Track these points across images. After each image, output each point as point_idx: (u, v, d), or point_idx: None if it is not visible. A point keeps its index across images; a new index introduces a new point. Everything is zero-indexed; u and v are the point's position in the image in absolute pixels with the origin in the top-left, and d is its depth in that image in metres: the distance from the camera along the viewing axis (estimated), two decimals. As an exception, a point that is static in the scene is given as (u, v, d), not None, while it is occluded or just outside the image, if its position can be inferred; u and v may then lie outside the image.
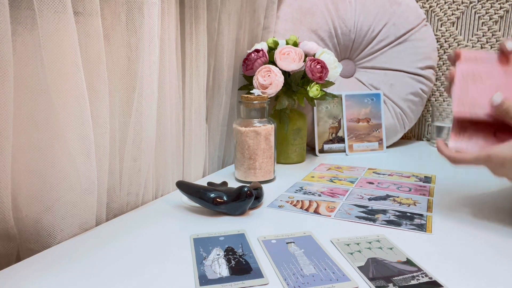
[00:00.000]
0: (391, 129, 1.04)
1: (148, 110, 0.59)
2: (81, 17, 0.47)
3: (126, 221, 0.56)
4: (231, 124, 0.88)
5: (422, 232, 0.52)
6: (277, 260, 0.44)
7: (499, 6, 1.03)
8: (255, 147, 0.72)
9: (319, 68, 0.81)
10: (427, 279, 0.40)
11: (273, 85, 0.79)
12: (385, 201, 0.64)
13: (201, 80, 0.74)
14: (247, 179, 0.74)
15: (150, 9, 0.55)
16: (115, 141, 0.57)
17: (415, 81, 1.03)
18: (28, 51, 0.44)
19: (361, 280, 0.40)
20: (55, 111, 0.46)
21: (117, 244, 0.49)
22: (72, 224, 0.50)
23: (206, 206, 0.58)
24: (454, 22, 1.09)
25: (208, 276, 0.41)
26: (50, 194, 0.47)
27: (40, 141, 0.46)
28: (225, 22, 0.78)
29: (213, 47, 0.77)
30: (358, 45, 1.03)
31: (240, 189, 0.58)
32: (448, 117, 1.04)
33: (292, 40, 0.86)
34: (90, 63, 0.50)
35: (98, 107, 0.52)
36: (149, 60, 0.57)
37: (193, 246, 0.48)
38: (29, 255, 0.46)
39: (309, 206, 0.62)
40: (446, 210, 0.60)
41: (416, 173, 0.81)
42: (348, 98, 1.00)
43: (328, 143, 0.99)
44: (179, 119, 0.71)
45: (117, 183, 0.58)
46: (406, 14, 1.02)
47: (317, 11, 0.97)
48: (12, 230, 0.46)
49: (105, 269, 0.43)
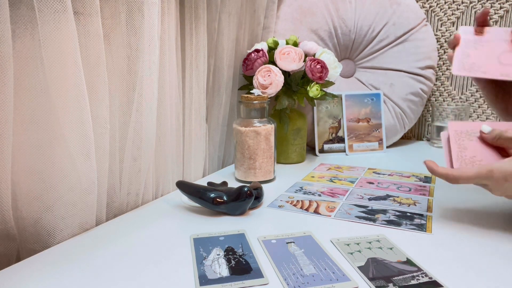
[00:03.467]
0: (391, 129, 1.04)
1: (148, 110, 0.59)
2: (81, 17, 0.47)
3: (126, 221, 0.56)
4: (231, 124, 0.88)
5: (422, 232, 0.52)
6: (277, 260, 0.44)
7: (499, 6, 1.03)
8: (255, 147, 0.72)
9: (319, 68, 0.81)
10: (427, 279, 0.40)
11: (273, 85, 0.79)
12: (385, 201, 0.64)
13: (201, 80, 0.74)
14: (247, 179, 0.74)
15: (150, 9, 0.55)
16: (115, 141, 0.57)
17: (415, 81, 1.03)
18: (28, 51, 0.44)
19: (361, 280, 0.40)
20: (55, 111, 0.46)
21: (117, 244, 0.49)
22: (72, 224, 0.50)
23: (206, 206, 0.58)
24: (454, 22, 1.09)
25: (208, 276, 0.41)
26: (50, 194, 0.47)
27: (40, 141, 0.46)
28: (225, 22, 0.78)
29: (213, 47, 0.77)
30: (358, 45, 1.03)
31: (240, 189, 0.58)
32: (448, 117, 1.04)
33: (292, 40, 0.86)
34: (90, 63, 0.50)
35: (98, 107, 0.52)
36: (149, 60, 0.57)
37: (193, 246, 0.48)
38: (29, 255, 0.46)
39: (309, 206, 0.62)
40: (446, 210, 0.60)
41: (416, 173, 0.81)
42: (348, 98, 1.00)
43: (328, 143, 0.99)
44: (179, 119, 0.71)
45: (117, 183, 0.58)
46: (406, 14, 1.02)
47: (317, 11, 0.97)
48: (12, 230, 0.46)
49: (105, 269, 0.43)
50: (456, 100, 1.13)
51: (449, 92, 1.14)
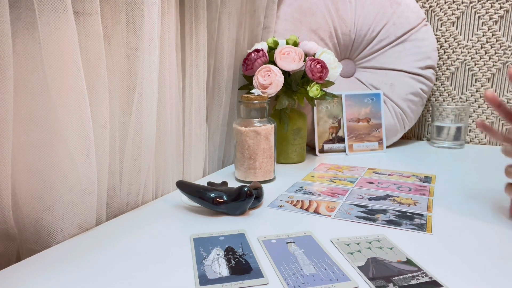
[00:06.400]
0: (391, 129, 1.04)
1: (148, 110, 0.59)
2: (81, 17, 0.47)
3: (126, 221, 0.56)
4: (231, 124, 0.88)
5: (422, 232, 0.52)
6: (277, 260, 0.44)
7: (499, 6, 1.03)
8: (255, 147, 0.72)
9: (319, 68, 0.81)
10: (427, 279, 0.40)
11: (273, 85, 0.79)
12: (385, 201, 0.64)
13: (201, 80, 0.74)
14: (247, 179, 0.74)
15: (150, 9, 0.55)
16: (115, 141, 0.57)
17: (415, 81, 1.03)
18: (28, 51, 0.44)
19: (361, 280, 0.40)
20: (55, 111, 0.46)
21: (117, 244, 0.49)
22: (72, 224, 0.50)
23: (206, 206, 0.58)
24: (454, 22, 1.09)
25: (208, 276, 0.41)
26: (50, 194, 0.47)
27: (40, 141, 0.46)
28: (225, 22, 0.78)
29: (213, 47, 0.77)
30: (358, 45, 1.03)
31: (240, 189, 0.58)
32: (448, 117, 1.04)
33: (292, 40, 0.86)
34: (90, 63, 0.50)
35: (98, 107, 0.52)
36: (149, 60, 0.57)
37: (193, 246, 0.48)
38: (29, 255, 0.46)
39: (309, 206, 0.62)
40: (446, 210, 0.60)
41: (416, 173, 0.81)
42: (348, 98, 1.00)
43: (328, 143, 0.99)
44: (179, 119, 0.71)
45: (117, 183, 0.58)
46: (406, 14, 1.02)
47: (317, 11, 0.97)
48: (12, 230, 0.46)
49: (105, 269, 0.43)
50: (456, 100, 1.13)
51: (449, 92, 1.14)
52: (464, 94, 1.12)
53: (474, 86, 1.11)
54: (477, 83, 1.10)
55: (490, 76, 1.08)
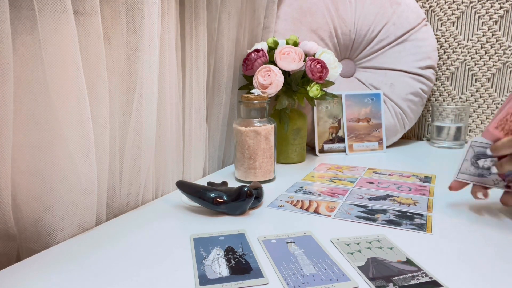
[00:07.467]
0: (391, 129, 1.04)
1: (148, 110, 0.59)
2: (81, 17, 0.47)
3: (126, 221, 0.56)
4: (231, 124, 0.88)
5: (422, 232, 0.52)
6: (277, 260, 0.44)
7: (499, 6, 1.03)
8: (255, 147, 0.72)
9: (319, 68, 0.81)
10: (427, 279, 0.40)
11: (273, 85, 0.79)
12: (385, 201, 0.64)
13: (201, 80, 0.74)
14: (247, 179, 0.74)
15: (150, 9, 0.55)
16: (115, 141, 0.57)
17: (415, 81, 1.03)
18: (28, 51, 0.44)
19: (361, 280, 0.40)
20: (55, 111, 0.46)
21: (117, 244, 0.49)
22: (72, 224, 0.50)
23: (206, 206, 0.58)
24: (454, 22, 1.09)
25: (208, 276, 0.41)
26: (50, 194, 0.47)
27: (40, 141, 0.46)
28: (225, 22, 0.78)
29: (213, 47, 0.77)
30: (358, 45, 1.03)
31: (240, 189, 0.58)
32: (448, 117, 1.04)
33: (292, 40, 0.86)
34: (90, 63, 0.50)
35: (98, 107, 0.52)
36: (149, 60, 0.57)
37: (193, 246, 0.48)
38: (29, 255, 0.46)
39: (309, 206, 0.62)
40: (446, 210, 0.60)
41: (416, 173, 0.81)
42: (348, 98, 1.00)
43: (328, 143, 0.99)
44: (179, 119, 0.71)
45: (117, 183, 0.58)
46: (406, 14, 1.02)
47: (317, 11, 0.97)
48: (12, 230, 0.46)
49: (105, 269, 0.43)
50: (456, 100, 1.13)
51: (449, 92, 1.14)
52: (464, 94, 1.12)
53: (474, 86, 1.11)
54: (477, 83, 1.10)
55: (490, 76, 1.08)
